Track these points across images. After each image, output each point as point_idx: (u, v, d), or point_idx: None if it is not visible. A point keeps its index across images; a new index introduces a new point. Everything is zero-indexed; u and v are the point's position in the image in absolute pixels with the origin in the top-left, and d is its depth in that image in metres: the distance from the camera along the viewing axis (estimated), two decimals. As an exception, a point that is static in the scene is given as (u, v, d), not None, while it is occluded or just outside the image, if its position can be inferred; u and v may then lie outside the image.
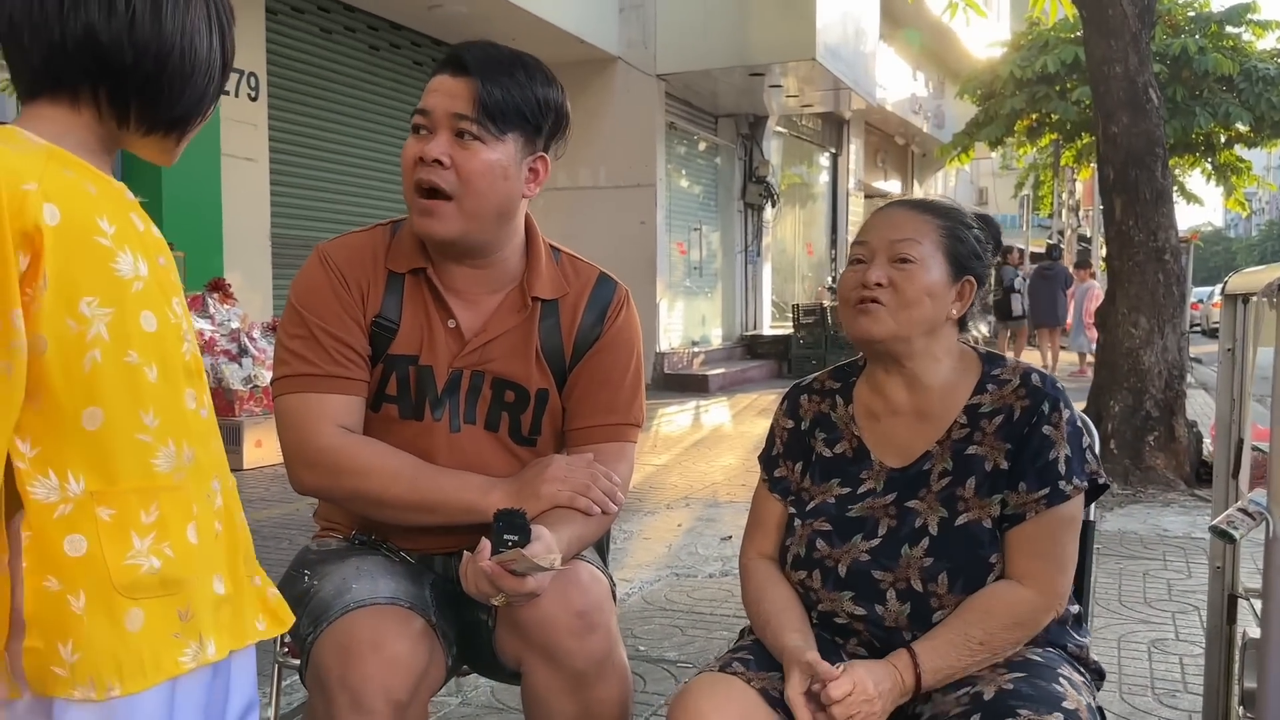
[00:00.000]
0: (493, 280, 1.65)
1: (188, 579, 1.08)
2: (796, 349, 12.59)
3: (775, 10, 10.26)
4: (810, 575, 1.52)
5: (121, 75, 1.07)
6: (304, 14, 8.21)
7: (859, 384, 1.62)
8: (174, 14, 1.09)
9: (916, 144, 19.86)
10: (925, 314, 1.50)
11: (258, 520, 4.78)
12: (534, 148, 1.59)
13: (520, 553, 1.31)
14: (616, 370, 1.69)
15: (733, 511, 4.97)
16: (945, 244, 1.52)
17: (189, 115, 1.15)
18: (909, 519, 1.49)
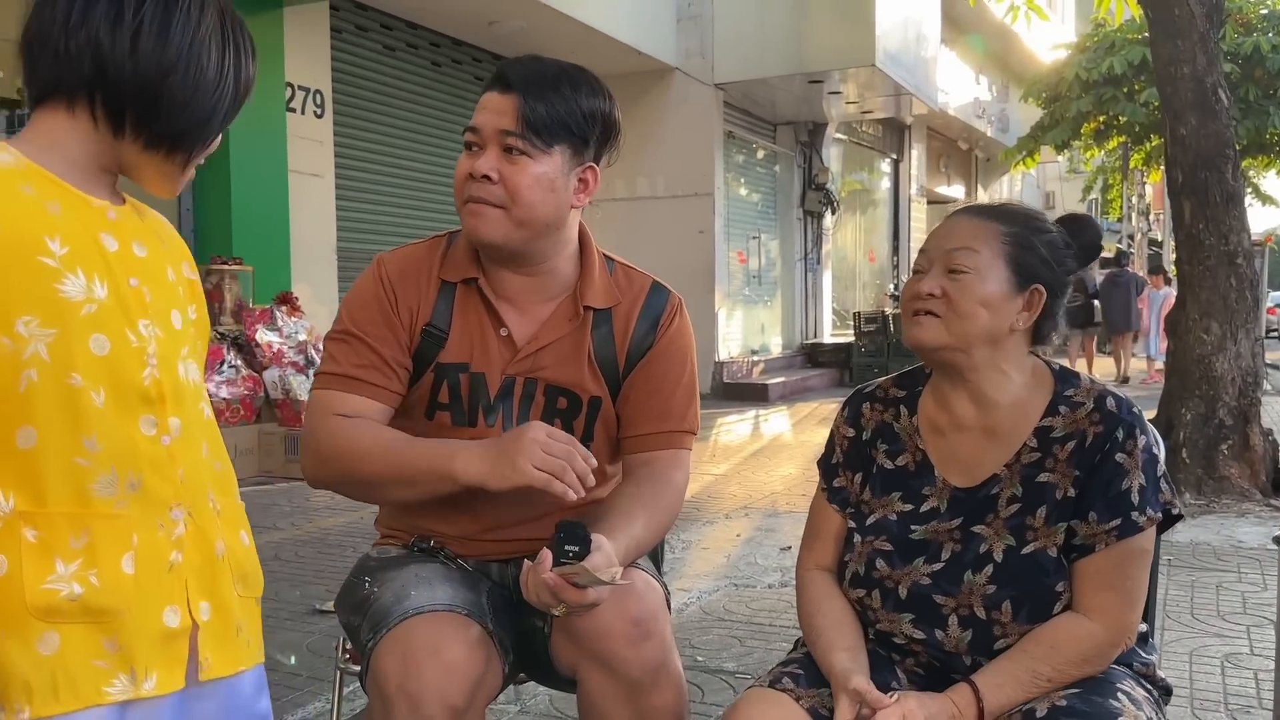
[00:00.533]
0: (545, 289, 1.67)
1: (118, 609, 1.06)
2: (858, 357, 12.47)
3: (834, 17, 10.21)
4: (869, 595, 1.49)
5: (119, 83, 1.08)
6: (368, 32, 8.37)
7: (924, 395, 1.56)
8: (183, 30, 1.09)
9: (980, 148, 19.57)
10: (981, 325, 1.44)
11: (323, 529, 4.88)
12: (582, 159, 1.61)
13: (582, 566, 1.32)
14: (670, 378, 1.70)
15: (792, 521, 4.94)
16: (1008, 251, 1.45)
17: (190, 135, 1.14)
18: (974, 544, 1.44)
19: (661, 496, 1.63)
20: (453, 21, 8.83)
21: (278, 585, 3.87)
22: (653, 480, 1.64)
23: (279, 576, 4.00)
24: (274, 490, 5.86)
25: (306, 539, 4.68)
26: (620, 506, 1.59)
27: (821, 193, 13.36)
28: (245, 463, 6.23)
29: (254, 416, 6.36)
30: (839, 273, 15.16)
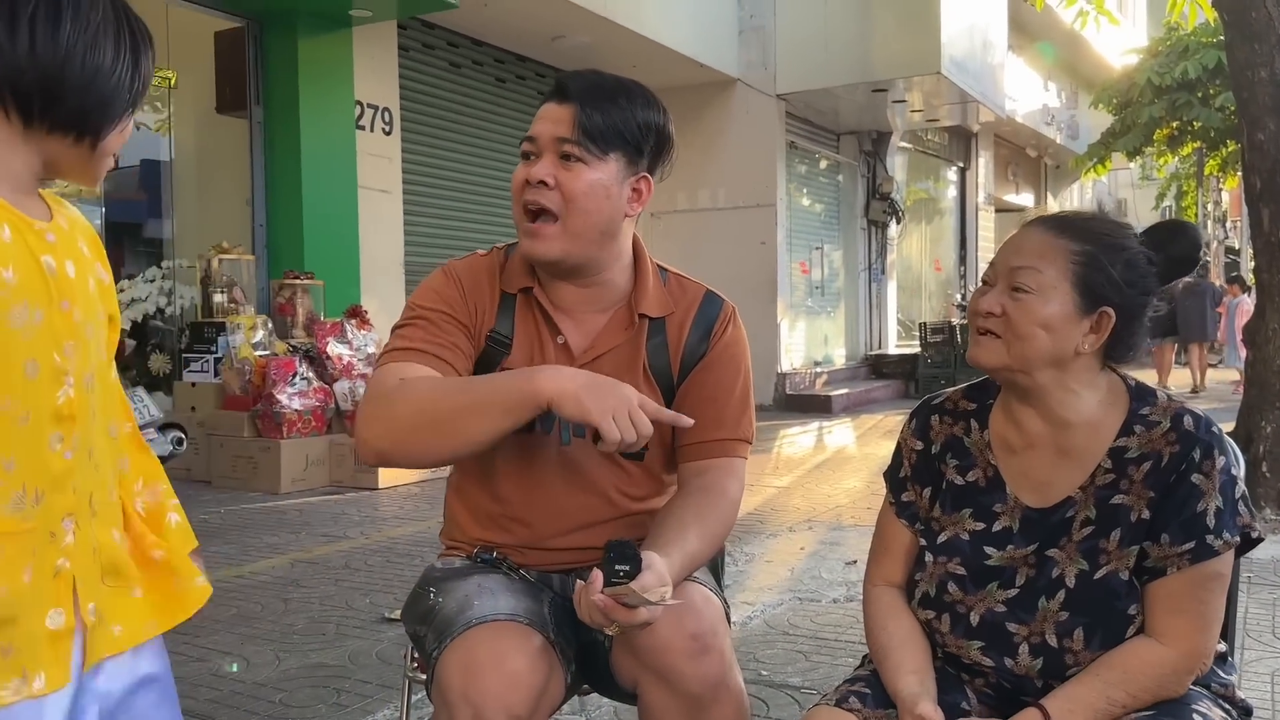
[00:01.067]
0: (600, 299, 1.70)
1: (15, 617, 1.10)
2: (924, 368, 12.32)
3: (898, 25, 10.13)
4: (939, 617, 1.46)
5: (22, 75, 1.14)
6: (434, 50, 8.52)
7: (995, 410, 1.51)
8: (73, 22, 1.15)
9: (1049, 156, 19.22)
10: (1041, 348, 1.39)
11: (391, 538, 4.96)
12: (636, 168, 1.64)
13: (631, 588, 1.32)
14: (724, 386, 1.70)
15: (857, 535, 4.89)
16: (1076, 272, 1.38)
17: (93, 115, 1.19)
18: (1047, 568, 1.41)
19: (716, 507, 1.63)
20: (517, 38, 8.95)
21: (348, 594, 3.94)
22: (706, 490, 1.64)
23: (349, 585, 4.07)
24: (344, 500, 5.98)
25: (375, 548, 4.75)
26: (673, 518, 1.59)
27: (886, 202, 13.23)
28: (316, 473, 6.36)
29: (325, 428, 6.49)
30: (904, 283, 14.99)
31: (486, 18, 8.26)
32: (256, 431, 6.29)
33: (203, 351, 6.75)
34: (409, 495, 6.13)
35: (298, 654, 3.24)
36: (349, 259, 7.42)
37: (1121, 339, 1.41)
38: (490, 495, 1.73)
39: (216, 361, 6.64)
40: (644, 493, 1.74)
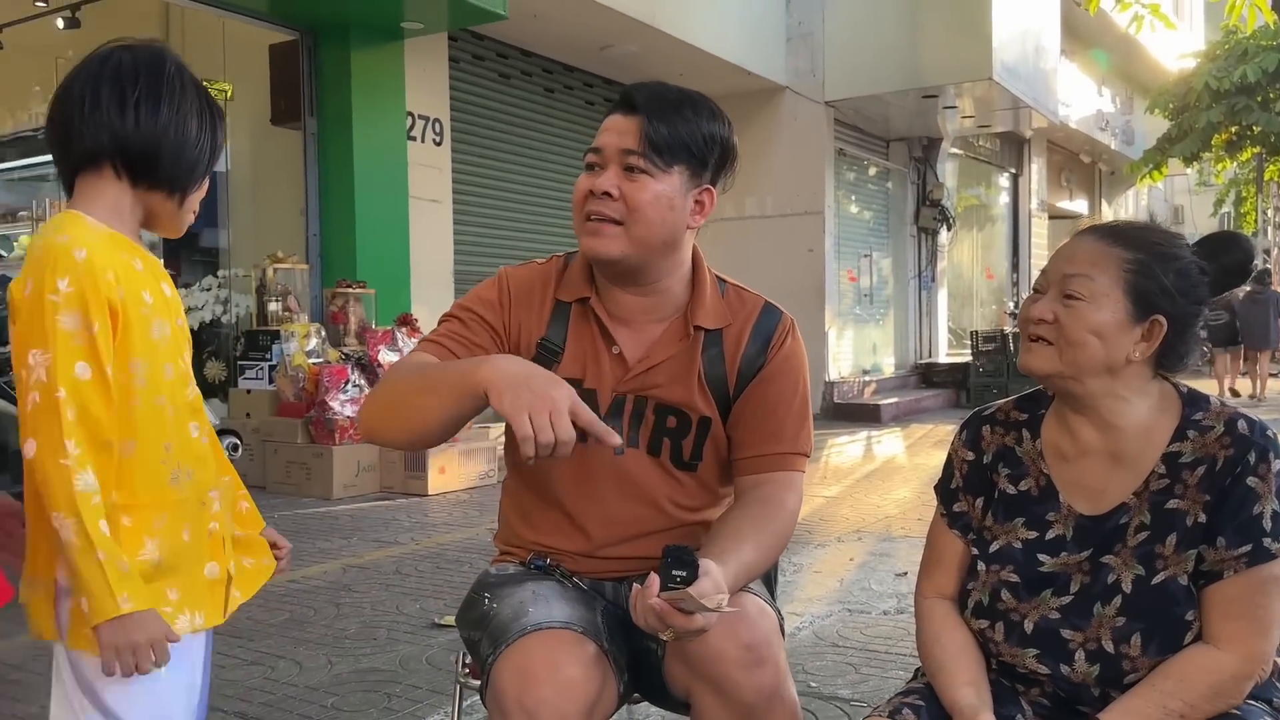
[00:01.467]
0: (657, 309, 1.70)
1: (178, 568, 1.43)
2: (976, 377, 12.16)
3: (949, 31, 10.04)
4: (992, 626, 1.45)
5: (129, 146, 1.41)
6: (484, 61, 8.61)
7: (1047, 419, 1.51)
8: (169, 105, 1.43)
9: (1104, 161, 18.91)
10: (1093, 355, 1.39)
11: (441, 544, 5.00)
12: (700, 180, 1.65)
13: (688, 593, 1.32)
14: (782, 399, 1.70)
15: (907, 546, 4.84)
16: (1128, 280, 1.39)
17: (183, 178, 1.46)
18: (1102, 574, 1.40)
19: (772, 520, 1.63)
20: (566, 48, 9.01)
21: (398, 599, 3.98)
22: (764, 503, 1.64)
23: (399, 591, 4.11)
24: (394, 506, 6.04)
25: (425, 554, 4.80)
26: (730, 529, 1.59)
27: (936, 209, 13.10)
28: (367, 479, 6.44)
29: (375, 434, 6.56)
30: (955, 290, 14.82)
31: (536, 28, 8.32)
32: (310, 438, 6.38)
33: (258, 359, 6.87)
34: (458, 502, 6.18)
35: (349, 658, 3.28)
36: (400, 268, 7.51)
37: (1173, 348, 1.41)
38: (545, 502, 1.74)
39: (271, 369, 6.76)
40: (698, 504, 1.74)
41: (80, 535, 1.29)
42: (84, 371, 1.32)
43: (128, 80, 1.40)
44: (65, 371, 1.31)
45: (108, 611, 1.29)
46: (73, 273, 1.31)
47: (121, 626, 1.30)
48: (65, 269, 1.32)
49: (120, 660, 1.31)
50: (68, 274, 1.31)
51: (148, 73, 1.42)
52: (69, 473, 1.29)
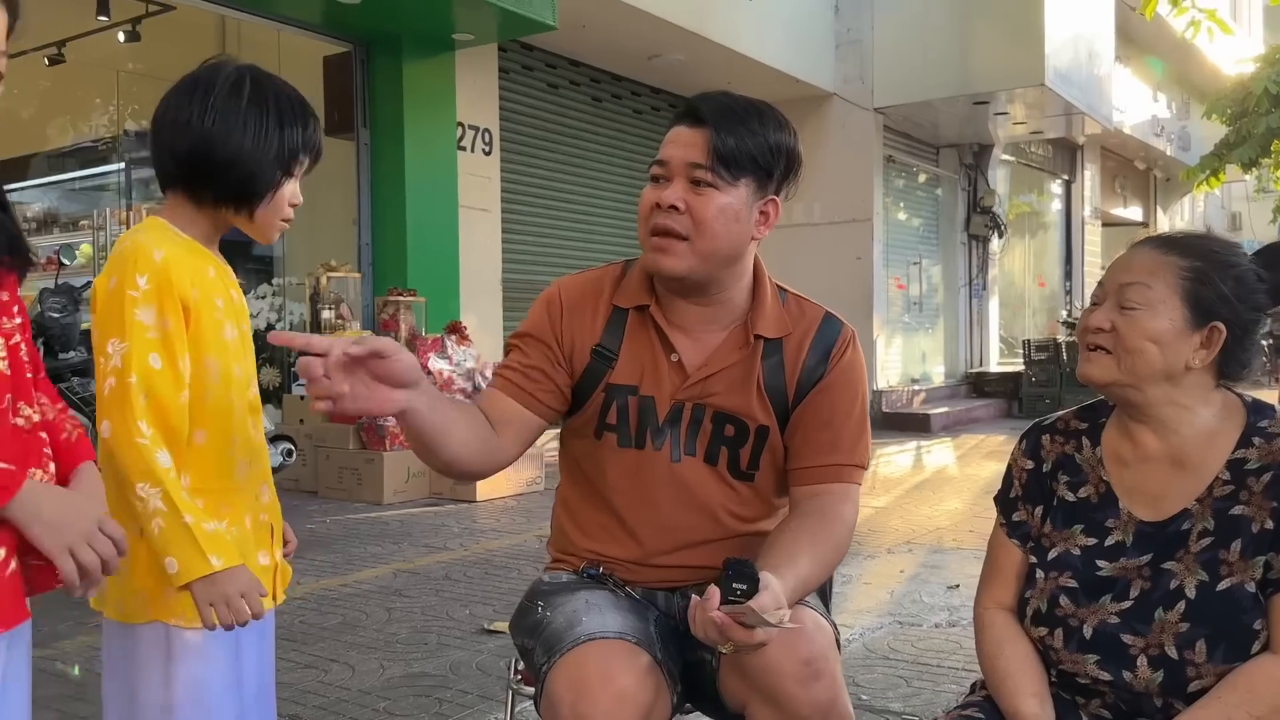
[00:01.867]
0: (717, 318, 1.71)
1: (246, 553, 1.50)
2: (1028, 387, 11.98)
3: (1000, 37, 9.93)
4: (1051, 634, 1.44)
5: (185, 162, 1.50)
6: (533, 71, 8.67)
7: (1108, 427, 1.51)
8: (222, 117, 1.47)
9: (1159, 168, 18.57)
10: (1152, 362, 1.40)
11: (489, 550, 5.03)
12: (765, 191, 1.65)
13: (749, 607, 1.32)
14: (840, 410, 1.69)
15: (959, 559, 4.78)
16: (1185, 287, 1.40)
17: (238, 195, 1.51)
18: (1164, 581, 1.39)
19: (829, 532, 1.62)
20: (614, 57, 9.05)
21: (448, 605, 4.01)
22: (820, 515, 1.63)
23: (449, 596, 4.14)
24: (443, 512, 6.09)
25: (474, 560, 4.83)
26: (786, 541, 1.58)
27: (987, 216, 12.95)
28: (417, 485, 6.50)
29: (425, 441, 6.62)
30: (1006, 299, 14.62)
31: (584, 38, 8.37)
32: (361, 444, 6.46)
33: (311, 366, 6.95)
34: (505, 509, 6.21)
35: (401, 663, 3.31)
36: (449, 276, 7.58)
37: (1234, 355, 1.41)
38: (600, 509, 1.75)
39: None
40: (753, 514, 1.73)
41: (166, 501, 1.39)
42: (155, 361, 1.43)
43: (182, 104, 1.49)
44: (140, 360, 1.41)
45: (200, 569, 1.38)
46: (151, 270, 1.43)
47: (214, 582, 1.39)
48: (145, 267, 1.43)
49: (218, 612, 1.40)
50: (147, 271, 1.43)
51: (201, 96, 1.49)
52: (147, 449, 1.40)
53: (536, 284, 8.45)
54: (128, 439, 1.39)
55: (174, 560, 1.39)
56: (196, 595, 1.39)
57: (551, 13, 6.93)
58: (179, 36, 8.01)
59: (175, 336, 1.43)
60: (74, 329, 5.60)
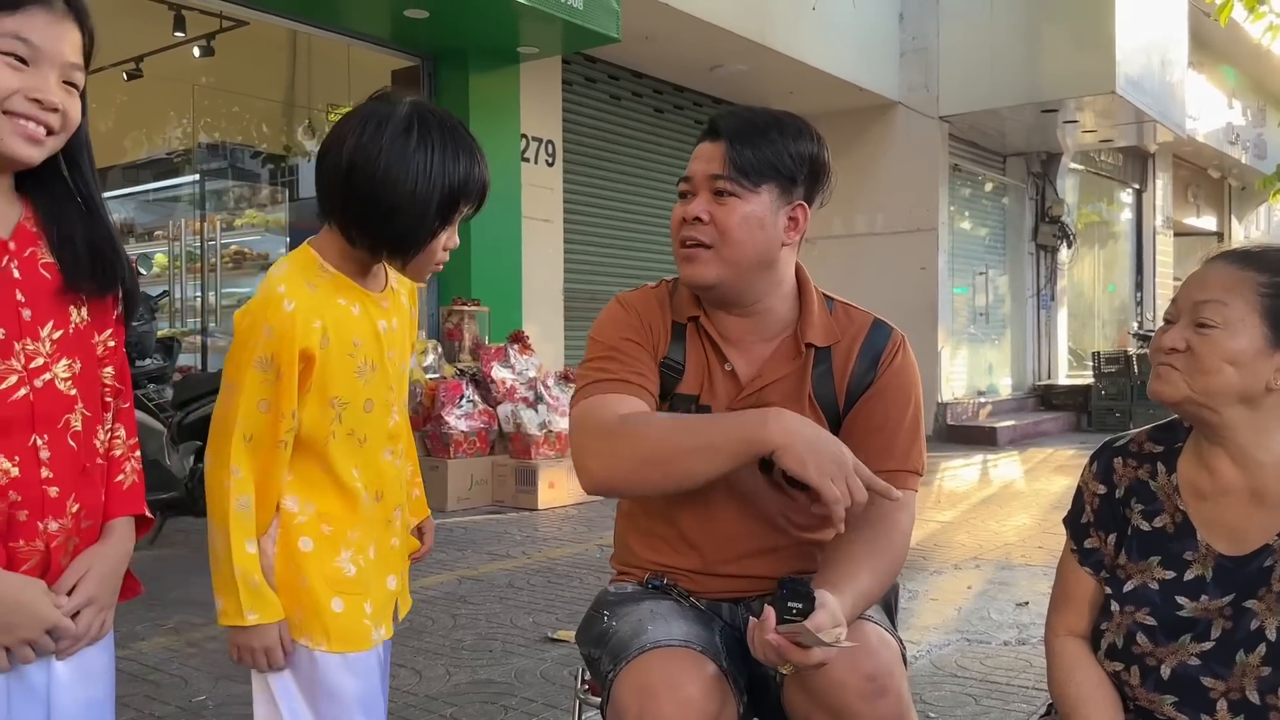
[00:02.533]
0: (764, 328, 1.72)
1: (370, 582, 1.56)
2: (1098, 400, 11.72)
3: (1070, 44, 9.75)
4: (1127, 670, 1.40)
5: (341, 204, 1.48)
6: (595, 83, 8.73)
7: (1184, 454, 1.44)
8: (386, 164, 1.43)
9: (1234, 176, 18.08)
10: (1229, 384, 1.33)
11: (551, 559, 5.05)
12: (791, 197, 1.66)
13: (805, 627, 1.30)
14: (892, 416, 1.68)
15: (1028, 575, 4.69)
16: (1266, 304, 1.33)
17: (397, 242, 1.49)
18: (1245, 620, 1.33)
19: (887, 542, 1.60)
20: (676, 68, 9.07)
21: (512, 613, 4.04)
22: (875, 524, 1.61)
23: (513, 604, 4.17)
24: (505, 519, 6.14)
25: (537, 568, 4.86)
26: (843, 554, 1.57)
27: (1056, 226, 12.72)
28: (479, 492, 6.56)
29: (489, 448, 6.69)
30: (1075, 310, 14.33)
31: (647, 50, 8.40)
32: (426, 451, 6.53)
33: (377, 374, 7.06)
34: (567, 517, 6.24)
35: (467, 669, 3.34)
36: (513, 286, 7.65)
37: None
38: (660, 520, 1.75)
39: (389, 384, 6.94)
40: (812, 523, 1.72)
41: (225, 547, 1.45)
42: (264, 407, 1.46)
43: (350, 143, 1.45)
44: (248, 405, 1.45)
45: (235, 619, 1.45)
46: (277, 322, 1.45)
47: (244, 633, 1.46)
48: (273, 318, 1.45)
49: (242, 657, 1.49)
50: (274, 323, 1.45)
51: (371, 137, 1.44)
52: (229, 492, 1.44)
53: (597, 294, 8.49)
54: (217, 480, 1.45)
55: (220, 600, 1.47)
56: (229, 636, 1.48)
57: (615, 25, 6.97)
58: (252, 51, 8.21)
59: (286, 387, 1.45)
60: (150, 337, 5.77)
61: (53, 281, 1.30)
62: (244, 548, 1.45)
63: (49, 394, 1.28)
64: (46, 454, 1.27)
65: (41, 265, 1.30)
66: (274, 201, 9.30)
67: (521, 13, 6.46)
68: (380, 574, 1.58)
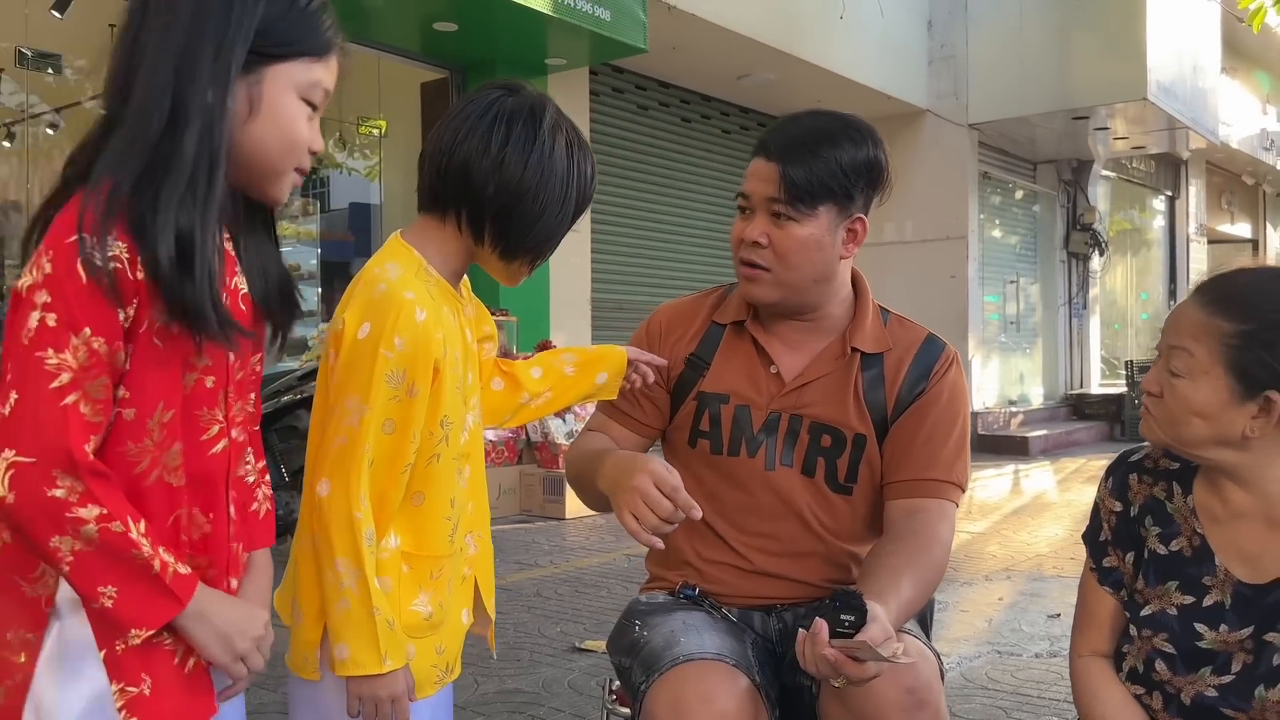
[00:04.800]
0: (816, 330, 1.73)
1: (444, 622, 1.39)
2: (1131, 410, 11.56)
3: (1100, 50, 9.67)
4: (1150, 695, 1.38)
5: (482, 203, 1.34)
6: (623, 94, 8.75)
7: (1199, 475, 1.39)
8: (537, 162, 1.34)
9: (1269, 183, 17.85)
10: (1199, 435, 1.29)
11: (579, 568, 5.05)
12: (849, 212, 1.66)
13: (864, 642, 1.29)
14: (941, 427, 1.68)
15: (1060, 587, 4.64)
16: (1231, 357, 1.25)
17: (538, 246, 1.39)
18: (1266, 655, 1.31)
19: (927, 552, 1.59)
20: (703, 78, 9.08)
21: (540, 622, 4.04)
22: (917, 534, 1.60)
23: (541, 614, 4.17)
24: (533, 528, 6.15)
25: (564, 577, 4.86)
26: (886, 564, 1.56)
27: (1088, 233, 12.60)
28: (507, 501, 6.57)
29: (516, 458, 6.71)
30: (1108, 318, 14.19)
31: (674, 60, 8.42)
32: (453, 461, 6.55)
33: (406, 384, 7.10)
34: (595, 526, 6.24)
35: (495, 679, 3.34)
36: (540, 296, 7.67)
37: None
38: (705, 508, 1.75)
39: (418, 393, 6.98)
40: (847, 531, 1.72)
41: (360, 587, 1.26)
42: (389, 428, 1.29)
43: (498, 138, 1.33)
44: (376, 427, 1.28)
45: (371, 667, 1.27)
46: (411, 335, 1.28)
47: (374, 682, 1.28)
48: (405, 329, 1.28)
49: (364, 709, 1.30)
50: (406, 335, 1.28)
51: (524, 131, 1.34)
52: (360, 525, 1.26)
53: (625, 304, 8.50)
54: (346, 510, 1.27)
55: (346, 647, 1.27)
56: (352, 687, 1.29)
57: (642, 36, 6.99)
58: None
59: (418, 406, 1.30)
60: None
61: (248, 314, 1.19)
62: (377, 585, 1.28)
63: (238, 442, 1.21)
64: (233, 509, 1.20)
65: (241, 298, 1.19)
66: (305, 213, 9.39)
67: (549, 24, 6.49)
68: (454, 608, 1.42)
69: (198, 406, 1.14)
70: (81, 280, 1.02)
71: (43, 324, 1.02)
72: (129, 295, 1.05)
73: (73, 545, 1.02)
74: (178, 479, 1.13)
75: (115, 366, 1.06)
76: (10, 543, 1.08)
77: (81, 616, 1.09)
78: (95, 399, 1.04)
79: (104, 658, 1.09)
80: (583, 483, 1.69)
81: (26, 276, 1.05)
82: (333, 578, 1.27)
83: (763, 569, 1.70)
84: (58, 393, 1.02)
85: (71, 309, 1.02)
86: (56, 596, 1.09)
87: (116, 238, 1.04)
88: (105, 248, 1.03)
